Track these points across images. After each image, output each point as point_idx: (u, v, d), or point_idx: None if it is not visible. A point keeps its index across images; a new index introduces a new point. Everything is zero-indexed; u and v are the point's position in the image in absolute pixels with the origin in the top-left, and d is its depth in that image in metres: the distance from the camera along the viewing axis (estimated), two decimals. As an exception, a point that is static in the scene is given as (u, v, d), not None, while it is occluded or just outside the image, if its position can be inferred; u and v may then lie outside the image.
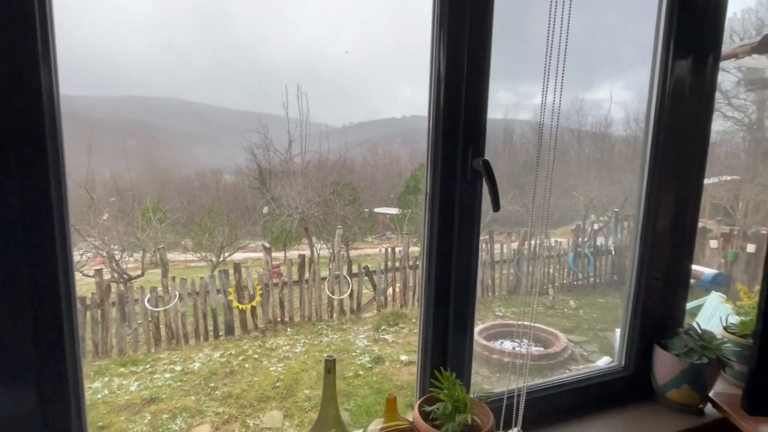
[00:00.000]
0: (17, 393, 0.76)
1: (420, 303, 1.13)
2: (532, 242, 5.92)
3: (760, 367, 1.06)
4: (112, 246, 6.27)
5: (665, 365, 1.29)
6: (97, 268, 5.18)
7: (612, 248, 6.38)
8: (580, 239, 6.40)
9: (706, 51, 1.29)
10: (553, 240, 6.36)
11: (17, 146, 0.71)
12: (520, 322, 1.26)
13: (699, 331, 1.31)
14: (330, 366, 0.91)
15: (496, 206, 0.99)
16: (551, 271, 6.12)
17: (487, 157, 1.04)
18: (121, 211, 6.67)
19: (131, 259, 6.69)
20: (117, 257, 6.09)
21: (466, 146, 1.02)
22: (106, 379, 4.14)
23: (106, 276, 5.62)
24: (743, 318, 1.45)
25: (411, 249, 5.98)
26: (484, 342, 4.43)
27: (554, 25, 0.98)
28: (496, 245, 6.11)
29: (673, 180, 1.34)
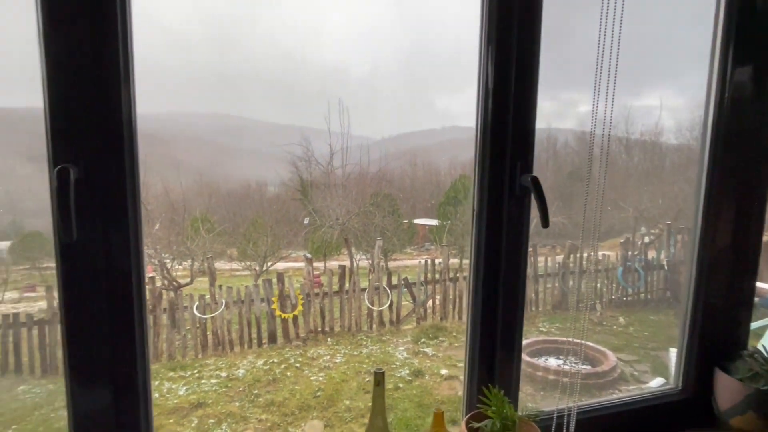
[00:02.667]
0: (94, 392, 0.83)
1: (467, 319, 1.14)
2: (578, 256, 5.73)
3: (838, 396, 0.99)
4: (163, 255, 6.61)
5: (728, 390, 1.22)
6: (150, 275, 5.46)
7: (664, 263, 6.06)
8: (629, 253, 6.12)
9: (769, 58, 1.23)
10: (600, 253, 6.12)
11: (103, 162, 0.79)
12: (569, 339, 1.23)
13: (766, 354, 1.23)
14: (379, 378, 0.93)
15: (545, 223, 0.98)
16: (599, 285, 5.89)
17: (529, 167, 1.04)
18: (172, 222, 7.02)
19: (180, 267, 7.01)
20: (168, 266, 6.39)
21: (514, 162, 1.02)
22: (156, 382, 4.33)
23: (157, 283, 5.92)
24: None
25: (451, 261, 5.93)
26: (528, 358, 4.31)
27: (605, 33, 0.98)
28: (540, 258, 5.95)
29: (734, 192, 1.28)
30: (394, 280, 5.70)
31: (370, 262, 7.26)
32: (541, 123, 1.05)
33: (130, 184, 0.81)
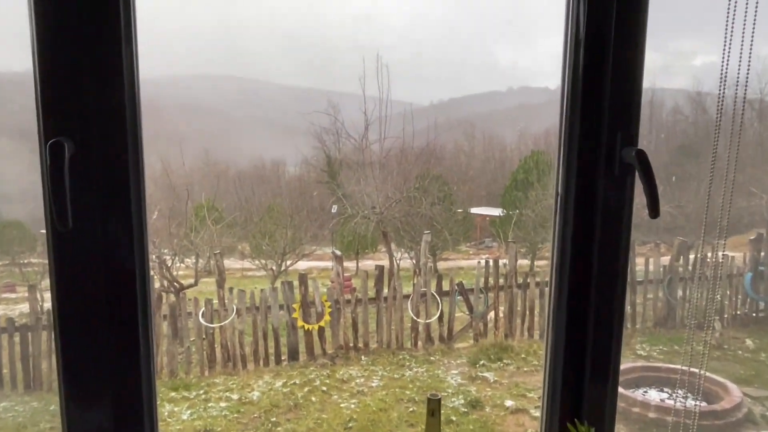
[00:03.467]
0: (93, 412, 0.88)
1: (546, 337, 1.12)
2: (695, 257, 5.51)
3: None
4: (162, 250, 6.86)
5: None
6: (147, 274, 5.71)
7: (813, 268, 5.75)
8: (762, 254, 5.85)
9: None
10: (720, 254, 5.86)
11: (102, 134, 0.83)
12: (679, 367, 1.20)
13: None
14: (434, 407, 0.94)
15: (653, 211, 0.96)
16: (719, 297, 5.66)
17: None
18: (173, 210, 7.25)
19: (182, 265, 7.25)
20: (168, 263, 6.65)
21: (612, 133, 0.99)
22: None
23: (156, 284, 6.18)
24: None
25: (520, 262, 5.85)
26: (622, 390, 4.21)
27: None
28: (639, 260, 5.78)
29: None
30: (446, 286, 5.70)
31: (414, 261, 7.29)
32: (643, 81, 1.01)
33: (133, 160, 0.85)
